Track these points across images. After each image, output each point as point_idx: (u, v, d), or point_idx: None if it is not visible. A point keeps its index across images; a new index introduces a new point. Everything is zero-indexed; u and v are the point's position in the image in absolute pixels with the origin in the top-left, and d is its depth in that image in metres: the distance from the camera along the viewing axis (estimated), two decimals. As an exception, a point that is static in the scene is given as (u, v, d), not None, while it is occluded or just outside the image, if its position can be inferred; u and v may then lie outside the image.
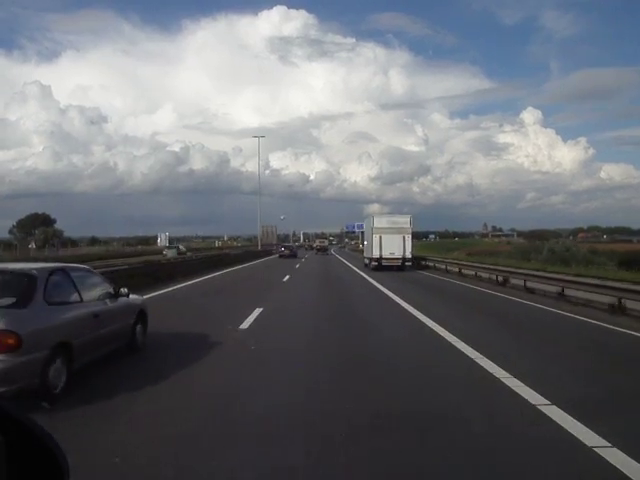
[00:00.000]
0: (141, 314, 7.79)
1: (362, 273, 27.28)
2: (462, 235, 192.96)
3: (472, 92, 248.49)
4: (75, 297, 5.98)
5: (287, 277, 23.68)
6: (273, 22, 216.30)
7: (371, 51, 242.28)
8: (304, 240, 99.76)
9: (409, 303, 13.63)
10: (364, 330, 9.91)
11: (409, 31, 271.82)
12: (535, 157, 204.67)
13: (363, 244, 41.53)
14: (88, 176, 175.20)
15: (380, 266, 28.53)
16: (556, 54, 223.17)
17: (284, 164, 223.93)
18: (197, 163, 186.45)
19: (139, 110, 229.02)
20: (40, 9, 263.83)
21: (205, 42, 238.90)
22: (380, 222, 29.77)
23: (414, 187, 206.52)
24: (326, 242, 72.69)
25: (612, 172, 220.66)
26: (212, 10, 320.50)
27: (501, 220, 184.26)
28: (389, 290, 17.48)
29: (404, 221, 29.68)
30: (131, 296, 7.59)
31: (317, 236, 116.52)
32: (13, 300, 5.14)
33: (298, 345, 8.41)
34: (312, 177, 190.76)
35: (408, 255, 28.93)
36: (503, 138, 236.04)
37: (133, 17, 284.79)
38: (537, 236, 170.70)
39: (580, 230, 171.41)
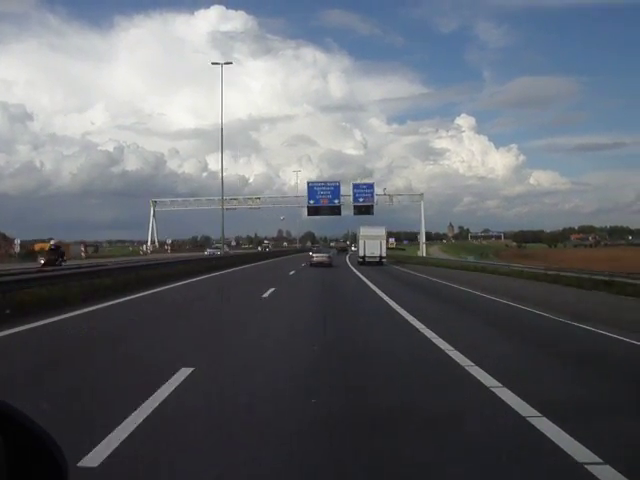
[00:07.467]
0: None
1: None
2: (430, 237, 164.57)
3: (411, 97, 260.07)
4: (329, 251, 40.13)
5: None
6: (210, 22, 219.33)
7: (312, 54, 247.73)
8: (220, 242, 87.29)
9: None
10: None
11: (357, 29, 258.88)
12: (470, 163, 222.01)
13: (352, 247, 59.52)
14: (9, 175, 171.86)
15: (364, 262, 39.35)
16: (492, 62, 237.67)
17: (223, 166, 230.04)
18: (130, 164, 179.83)
19: (69, 108, 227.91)
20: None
21: (139, 40, 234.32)
22: (364, 231, 41.78)
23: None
24: (344, 244, 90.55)
25: (541, 178, 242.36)
26: (146, 8, 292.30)
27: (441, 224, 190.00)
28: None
29: (380, 231, 42.47)
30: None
31: (267, 239, 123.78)
32: (329, 253, 39.16)
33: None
34: (251, 180, 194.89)
35: (383, 254, 40.77)
36: (440, 143, 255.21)
37: (59, 9, 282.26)
38: (526, 237, 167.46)
39: (572, 231, 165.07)
